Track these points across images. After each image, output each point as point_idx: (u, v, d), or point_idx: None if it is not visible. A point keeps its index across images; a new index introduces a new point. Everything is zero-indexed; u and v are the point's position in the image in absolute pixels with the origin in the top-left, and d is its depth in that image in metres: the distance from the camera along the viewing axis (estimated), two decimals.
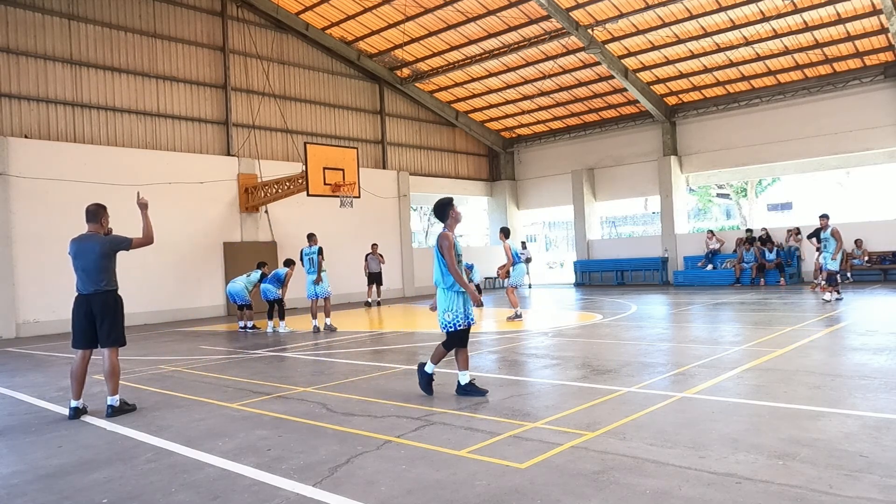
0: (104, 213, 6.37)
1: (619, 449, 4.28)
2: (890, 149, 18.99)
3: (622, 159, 24.38)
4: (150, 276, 16.65)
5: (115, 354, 6.13)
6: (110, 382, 6.04)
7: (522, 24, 19.50)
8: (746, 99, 21.33)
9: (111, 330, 6.08)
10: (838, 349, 7.78)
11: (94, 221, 6.30)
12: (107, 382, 6.06)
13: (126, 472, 4.33)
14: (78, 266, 6.18)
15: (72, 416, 6.02)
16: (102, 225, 6.33)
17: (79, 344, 6.14)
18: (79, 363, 6.09)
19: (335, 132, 22.09)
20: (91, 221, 6.33)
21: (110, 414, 5.96)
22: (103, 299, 6.11)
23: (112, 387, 6.04)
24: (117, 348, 6.14)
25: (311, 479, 3.98)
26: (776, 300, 14.71)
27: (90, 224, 6.32)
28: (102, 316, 6.07)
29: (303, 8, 20.27)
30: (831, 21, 17.40)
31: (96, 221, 6.30)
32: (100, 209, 6.35)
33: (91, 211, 6.33)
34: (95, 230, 6.28)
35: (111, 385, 6.04)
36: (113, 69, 17.04)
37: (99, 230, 6.30)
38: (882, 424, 4.57)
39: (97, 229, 6.29)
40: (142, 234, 6.39)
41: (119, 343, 6.15)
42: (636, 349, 8.68)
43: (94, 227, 6.30)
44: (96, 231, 6.27)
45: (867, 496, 3.32)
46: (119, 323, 6.17)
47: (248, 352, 10.22)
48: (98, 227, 6.30)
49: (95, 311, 6.07)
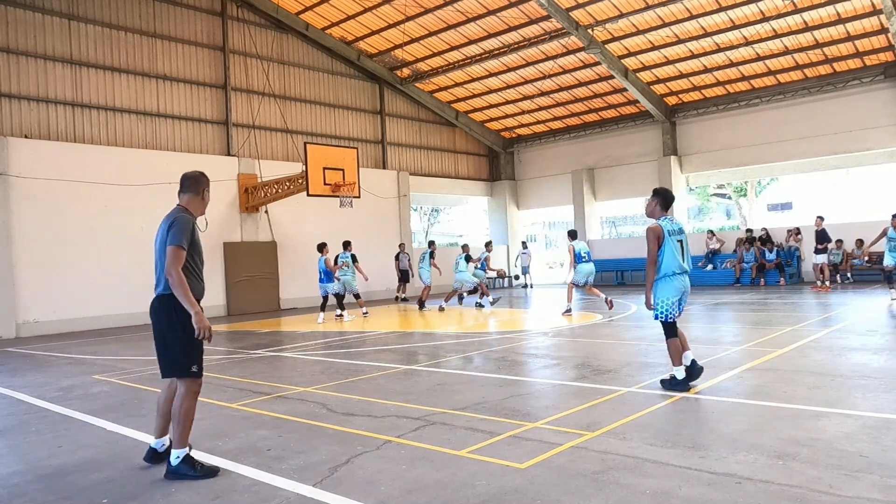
0: (204, 183, 4.54)
1: (620, 449, 4.28)
2: (890, 149, 18.98)
3: (622, 159, 24.37)
4: (149, 276, 16.60)
5: (184, 389, 4.22)
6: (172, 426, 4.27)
7: (522, 24, 19.50)
8: (746, 99, 21.32)
9: (163, 353, 4.30)
10: (838, 349, 7.78)
11: (185, 191, 4.47)
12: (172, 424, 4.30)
13: (126, 473, 4.33)
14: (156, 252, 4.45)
15: (146, 457, 4.47)
16: (203, 199, 4.52)
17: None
18: (162, 390, 4.52)
19: (335, 132, 22.09)
20: (182, 191, 4.48)
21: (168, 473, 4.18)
22: (153, 307, 4.35)
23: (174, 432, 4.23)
24: (187, 381, 4.22)
25: (312, 479, 3.98)
26: (776, 300, 14.71)
27: (180, 195, 4.48)
28: (154, 331, 4.36)
29: (303, 8, 20.26)
30: (831, 21, 17.39)
31: (189, 192, 4.46)
32: (199, 177, 4.55)
33: (184, 178, 4.54)
34: (185, 205, 4.43)
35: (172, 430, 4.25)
36: (113, 69, 17.04)
37: (192, 205, 4.46)
38: (882, 424, 4.57)
39: (188, 203, 4.44)
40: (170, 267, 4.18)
41: (173, 372, 4.26)
42: (636, 349, 8.68)
43: (184, 199, 4.45)
44: (185, 207, 4.43)
45: (867, 496, 3.32)
46: (170, 343, 4.23)
47: (248, 352, 10.22)
48: (191, 199, 4.46)
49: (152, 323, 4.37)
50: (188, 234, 4.22)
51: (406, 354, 9.18)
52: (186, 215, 4.32)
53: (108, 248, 16.04)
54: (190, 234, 4.24)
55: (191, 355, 4.23)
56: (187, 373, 4.21)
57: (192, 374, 4.22)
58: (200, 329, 4.10)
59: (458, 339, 10.53)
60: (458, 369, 7.68)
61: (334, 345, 10.84)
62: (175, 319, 4.19)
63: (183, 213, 4.32)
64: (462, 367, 7.86)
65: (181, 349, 4.20)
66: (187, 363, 4.21)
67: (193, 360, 4.24)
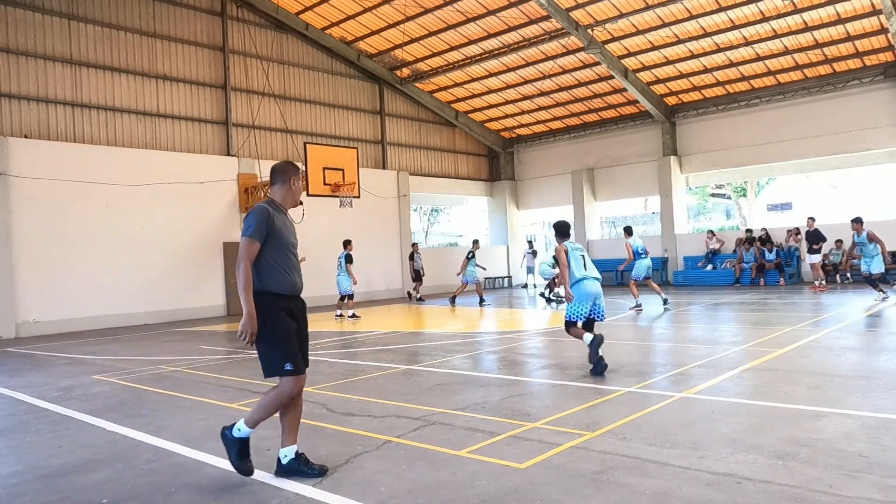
0: (291, 171, 4.24)
1: (619, 449, 4.28)
2: (890, 149, 18.98)
3: (622, 159, 24.37)
4: (150, 276, 16.66)
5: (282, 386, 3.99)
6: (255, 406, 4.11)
7: (522, 24, 19.50)
8: (746, 99, 21.33)
9: (259, 352, 4.05)
10: (838, 349, 7.78)
11: (273, 183, 4.26)
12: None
13: (126, 473, 4.33)
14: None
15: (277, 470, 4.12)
16: (291, 188, 4.23)
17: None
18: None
19: (335, 132, 22.09)
20: (272, 183, 4.28)
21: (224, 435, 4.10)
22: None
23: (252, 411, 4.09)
24: (284, 380, 3.99)
25: (311, 480, 3.98)
26: (776, 300, 14.71)
27: (270, 187, 4.30)
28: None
29: (302, 8, 20.27)
30: (831, 21, 17.40)
31: (276, 182, 4.24)
32: (286, 167, 4.25)
33: (272, 169, 4.32)
34: (273, 196, 4.21)
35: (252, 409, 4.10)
36: (113, 69, 17.04)
37: (279, 196, 4.21)
38: (882, 424, 4.57)
39: (275, 194, 4.21)
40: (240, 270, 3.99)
41: (269, 370, 4.01)
42: (636, 349, 8.68)
43: (273, 190, 4.24)
44: (272, 198, 4.20)
45: (867, 496, 3.32)
46: (267, 341, 3.97)
47: (248, 352, 10.22)
48: (278, 190, 4.22)
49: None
50: (262, 226, 3.95)
51: (406, 354, 9.18)
52: (263, 205, 4.05)
53: (108, 249, 16.04)
54: (265, 225, 3.96)
55: (285, 352, 3.95)
56: (281, 371, 3.96)
57: (287, 372, 3.95)
58: (244, 330, 3.84)
59: (458, 339, 10.53)
60: (458, 369, 7.68)
61: (334, 345, 10.84)
62: (267, 315, 3.94)
63: (260, 204, 4.07)
64: (462, 367, 7.86)
65: (275, 345, 3.96)
66: (281, 361, 3.95)
67: (288, 357, 3.96)
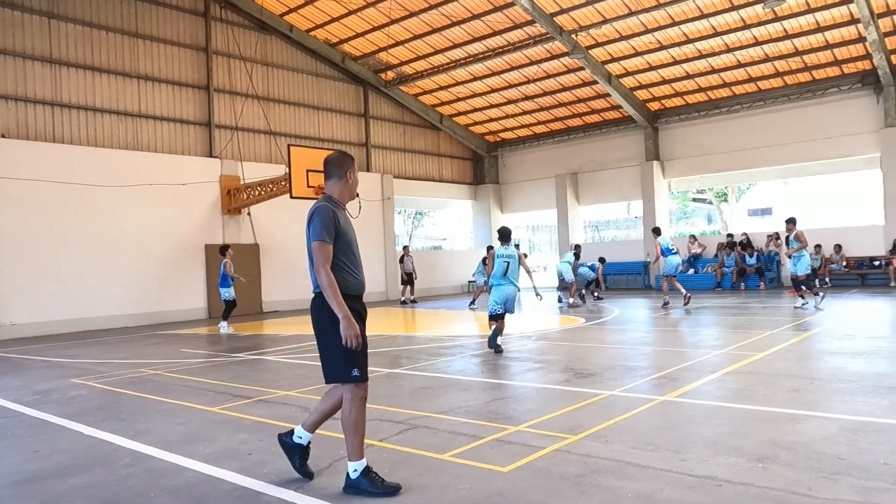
0: (348, 164, 4.03)
1: (602, 452, 4.30)
2: (867, 155, 19.28)
3: (605, 164, 24.53)
4: (130, 278, 16.47)
5: (349, 395, 3.82)
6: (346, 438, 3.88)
7: (507, 28, 19.57)
8: (728, 105, 21.56)
9: (322, 355, 3.91)
10: (817, 353, 7.88)
11: (329, 177, 4.02)
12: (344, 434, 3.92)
13: (105, 477, 4.27)
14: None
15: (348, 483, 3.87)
16: (348, 181, 4.02)
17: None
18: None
19: (319, 134, 22.01)
20: (327, 177, 4.04)
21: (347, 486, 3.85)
22: (311, 306, 3.95)
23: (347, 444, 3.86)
24: (350, 387, 3.82)
25: (293, 484, 3.96)
26: (756, 304, 14.87)
27: (325, 182, 4.06)
28: (315, 332, 3.96)
29: (287, 10, 20.18)
30: (811, 29, 17.66)
31: (332, 176, 4.00)
32: (342, 159, 4.04)
33: (326, 162, 4.05)
34: (330, 192, 4.00)
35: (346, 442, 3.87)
36: (94, 69, 16.84)
37: (336, 190, 4.01)
38: (859, 427, 4.64)
39: (332, 189, 4.00)
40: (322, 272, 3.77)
41: (334, 377, 3.86)
42: (619, 353, 8.73)
43: (328, 185, 4.02)
44: (329, 194, 3.98)
45: (845, 498, 3.37)
46: (328, 345, 3.84)
47: (229, 355, 10.14)
48: (334, 185, 4.01)
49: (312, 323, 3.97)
50: (330, 226, 3.77)
51: (389, 358, 9.15)
52: (324, 204, 3.84)
53: (88, 250, 15.83)
54: (332, 224, 3.79)
55: (351, 358, 3.76)
56: (348, 377, 3.78)
57: (353, 378, 3.77)
58: (347, 336, 3.68)
59: (441, 343, 10.52)
60: (441, 373, 7.68)
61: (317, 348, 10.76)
62: (331, 319, 3.75)
63: (321, 203, 3.85)
64: (445, 370, 7.85)
65: (342, 351, 3.75)
66: (347, 367, 3.77)
67: (354, 362, 3.77)
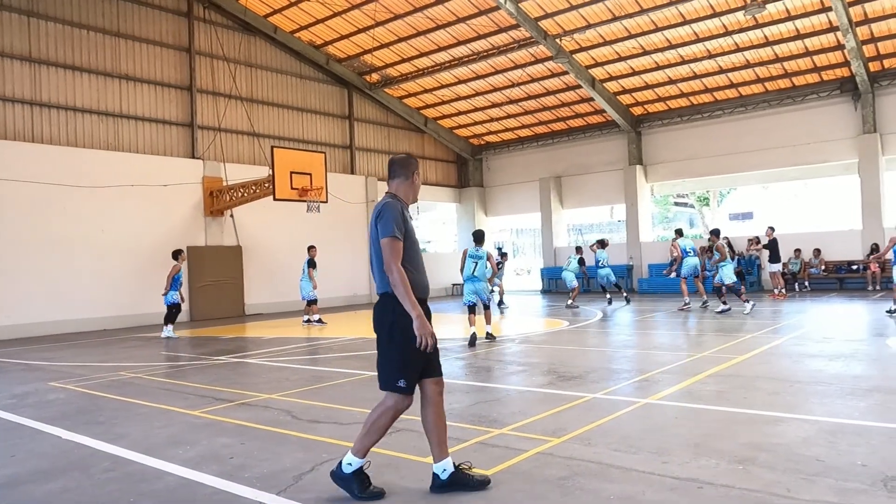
0: (414, 165, 4.00)
1: (585, 455, 4.31)
2: (846, 161, 19.57)
3: (589, 168, 24.67)
4: (110, 280, 16.28)
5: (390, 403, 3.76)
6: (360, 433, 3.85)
7: (492, 32, 19.63)
8: (709, 111, 21.79)
9: (380, 359, 3.82)
10: (796, 356, 7.97)
11: (395, 176, 3.97)
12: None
13: (83, 482, 4.21)
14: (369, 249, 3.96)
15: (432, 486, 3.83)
16: (413, 183, 3.97)
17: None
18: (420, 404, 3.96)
19: (303, 136, 21.92)
20: (391, 177, 3.99)
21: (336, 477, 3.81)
22: (377, 307, 3.85)
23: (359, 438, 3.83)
24: (394, 396, 3.74)
25: (275, 488, 3.93)
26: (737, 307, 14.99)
27: (390, 182, 3.99)
28: (377, 334, 3.84)
29: (271, 11, 20.08)
30: (791, 37, 17.90)
31: (399, 176, 3.96)
32: (408, 160, 4.01)
33: (393, 162, 4.00)
34: (395, 191, 3.94)
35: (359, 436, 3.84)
36: (74, 68, 16.64)
37: (401, 190, 3.94)
38: (837, 429, 4.70)
39: (398, 189, 3.94)
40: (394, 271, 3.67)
41: (387, 385, 3.76)
42: (602, 356, 8.77)
43: (394, 185, 3.96)
44: (394, 193, 3.92)
45: (824, 499, 3.41)
46: (387, 349, 3.77)
47: (211, 358, 10.05)
48: (400, 184, 3.94)
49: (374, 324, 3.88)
50: (400, 223, 3.70)
51: (373, 360, 9.07)
52: (394, 201, 3.80)
53: (67, 252, 15.62)
54: (402, 221, 3.72)
55: (402, 367, 3.68)
56: (393, 386, 3.70)
57: (398, 388, 3.69)
58: (422, 336, 3.58)
59: None
60: None
61: (300, 351, 10.72)
62: (396, 322, 3.66)
63: (389, 199, 3.80)
64: None
65: (396, 358, 3.69)
66: (396, 375, 3.69)
67: (404, 372, 3.68)
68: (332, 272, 20.70)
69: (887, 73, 18.60)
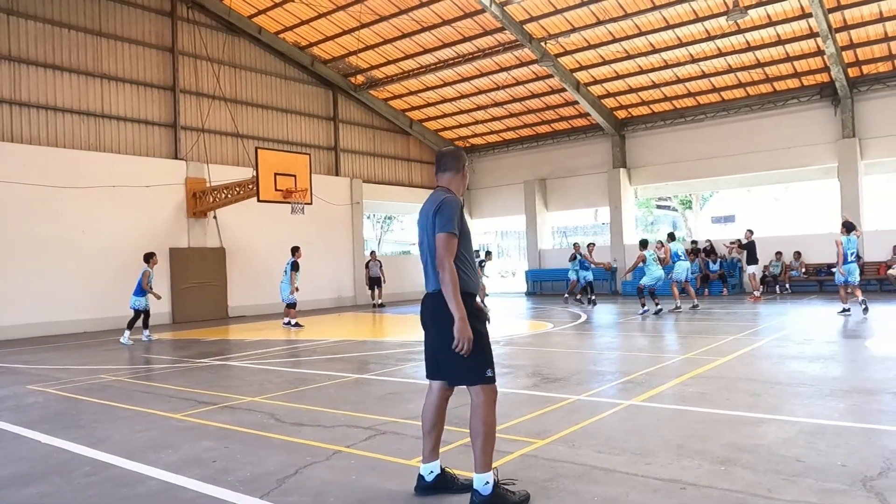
0: (464, 159, 3.93)
1: (568, 456, 4.33)
2: (825, 165, 19.83)
3: (573, 170, 24.79)
4: (91, 282, 16.08)
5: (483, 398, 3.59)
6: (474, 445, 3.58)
7: (477, 34, 19.67)
8: (692, 115, 21.99)
9: (449, 357, 3.58)
10: (777, 357, 8.06)
11: (446, 170, 3.89)
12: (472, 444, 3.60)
13: (63, 487, 4.15)
14: (420, 247, 3.86)
15: (417, 488, 3.80)
16: (464, 177, 3.91)
17: (426, 370, 3.89)
18: (426, 401, 3.88)
19: (287, 137, 21.82)
20: (441, 170, 3.91)
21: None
22: (427, 305, 3.76)
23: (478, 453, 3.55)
24: (483, 388, 3.59)
25: (259, 491, 3.90)
26: (719, 310, 15.16)
27: (439, 175, 3.91)
28: (439, 334, 3.65)
29: (255, 11, 19.98)
30: (772, 42, 18.13)
31: (450, 170, 3.88)
32: (460, 153, 3.93)
33: (444, 155, 3.93)
34: (446, 185, 3.86)
35: (474, 450, 3.57)
36: (55, 67, 16.44)
37: (453, 185, 3.86)
38: (817, 430, 4.75)
39: (450, 183, 3.87)
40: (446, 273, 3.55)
41: (464, 378, 3.63)
42: (586, 358, 8.81)
43: (445, 178, 3.88)
44: (447, 187, 3.85)
45: (804, 499, 3.45)
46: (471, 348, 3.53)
47: (193, 360, 9.96)
48: (452, 178, 3.87)
49: (429, 324, 3.78)
50: (458, 219, 3.62)
51: (357, 363, 9.10)
52: (453, 196, 3.71)
53: (47, 253, 15.42)
54: (460, 218, 3.65)
55: (486, 357, 3.60)
56: (483, 378, 3.57)
57: (487, 379, 3.58)
58: (461, 339, 3.47)
59: (410, 348, 10.49)
60: (409, 378, 7.65)
61: (284, 354, 10.66)
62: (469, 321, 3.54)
63: (449, 195, 3.71)
64: (414, 375, 7.83)
65: (479, 350, 3.56)
66: (482, 367, 3.57)
67: (488, 362, 3.61)
68: (316, 274, 20.62)
69: (866, 78, 18.89)
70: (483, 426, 3.52)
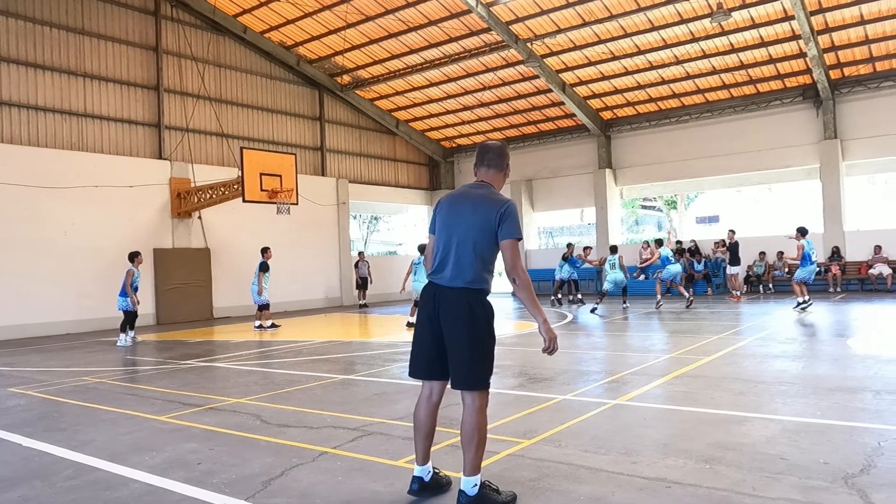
0: (508, 156, 3.81)
1: (555, 456, 4.34)
2: (808, 166, 20.06)
3: (559, 171, 24.89)
4: (74, 283, 15.90)
5: (478, 403, 3.54)
6: (466, 450, 3.55)
7: (463, 35, 19.69)
8: (677, 116, 22.16)
9: (461, 358, 3.52)
10: (761, 356, 8.14)
11: (489, 166, 3.76)
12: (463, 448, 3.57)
13: (44, 490, 4.10)
14: (441, 236, 3.66)
15: (411, 489, 3.73)
16: (505, 176, 3.79)
17: (417, 370, 3.74)
18: (420, 403, 3.77)
19: (273, 137, 21.71)
20: (484, 165, 3.77)
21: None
22: (463, 302, 3.53)
23: (469, 455, 3.53)
24: (481, 393, 3.55)
25: (244, 493, 3.87)
26: (704, 309, 15.28)
27: (482, 169, 3.78)
28: (456, 332, 3.52)
29: (241, 10, 19.86)
30: (755, 44, 18.31)
31: (494, 167, 3.76)
32: (505, 150, 3.81)
33: (488, 149, 3.79)
34: (491, 181, 3.75)
35: (466, 455, 3.54)
36: (36, 66, 16.24)
37: (496, 182, 3.76)
38: (800, 428, 4.80)
39: (493, 180, 3.75)
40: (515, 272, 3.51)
41: (468, 382, 3.54)
42: (572, 357, 8.84)
43: (489, 174, 3.76)
44: (491, 183, 3.74)
45: (788, 497, 3.48)
46: (474, 347, 3.50)
47: (178, 362, 9.88)
48: (496, 175, 3.75)
49: (443, 320, 3.57)
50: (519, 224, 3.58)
51: (344, 364, 9.07)
52: (513, 201, 3.64)
53: (29, 254, 15.23)
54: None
55: (491, 364, 3.58)
56: (485, 384, 3.55)
57: (487, 385, 3.56)
58: (551, 339, 3.48)
59: (396, 348, 10.48)
60: (396, 378, 7.64)
61: (269, 355, 10.61)
62: (485, 320, 3.54)
63: (510, 200, 3.61)
64: (400, 376, 7.81)
65: (485, 356, 3.53)
66: (487, 373, 3.55)
67: (491, 368, 3.59)
68: (302, 275, 20.55)
69: (847, 80, 19.13)
70: (478, 433, 3.52)
